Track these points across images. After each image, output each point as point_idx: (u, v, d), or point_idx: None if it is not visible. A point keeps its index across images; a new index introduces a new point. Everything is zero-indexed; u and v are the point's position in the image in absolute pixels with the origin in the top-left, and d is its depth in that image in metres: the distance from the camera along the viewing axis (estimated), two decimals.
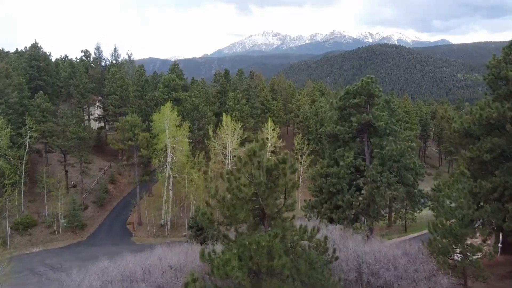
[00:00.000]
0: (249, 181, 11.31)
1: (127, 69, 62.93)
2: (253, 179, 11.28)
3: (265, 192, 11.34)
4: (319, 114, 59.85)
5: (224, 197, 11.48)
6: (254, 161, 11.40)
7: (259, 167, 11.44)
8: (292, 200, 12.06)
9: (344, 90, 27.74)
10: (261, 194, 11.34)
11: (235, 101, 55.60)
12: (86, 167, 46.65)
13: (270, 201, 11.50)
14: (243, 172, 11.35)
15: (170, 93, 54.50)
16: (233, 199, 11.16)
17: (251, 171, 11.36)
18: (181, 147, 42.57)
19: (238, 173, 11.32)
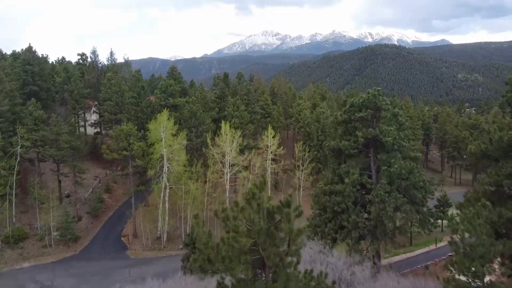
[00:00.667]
0: (247, 228, 9.81)
1: (124, 73, 61.35)
2: (252, 226, 9.77)
3: (266, 241, 9.83)
4: (320, 121, 58.31)
5: (218, 245, 9.99)
6: (253, 204, 9.89)
7: (259, 211, 9.94)
8: (297, 247, 10.56)
9: (349, 102, 26.17)
10: (261, 243, 9.83)
11: (234, 107, 54.06)
12: (79, 177, 45.09)
13: (271, 250, 10.00)
14: (241, 219, 9.80)
15: (167, 99, 52.96)
16: (229, 250, 9.64)
17: (249, 217, 9.85)
18: (177, 157, 41.00)
19: (235, 221, 9.77)
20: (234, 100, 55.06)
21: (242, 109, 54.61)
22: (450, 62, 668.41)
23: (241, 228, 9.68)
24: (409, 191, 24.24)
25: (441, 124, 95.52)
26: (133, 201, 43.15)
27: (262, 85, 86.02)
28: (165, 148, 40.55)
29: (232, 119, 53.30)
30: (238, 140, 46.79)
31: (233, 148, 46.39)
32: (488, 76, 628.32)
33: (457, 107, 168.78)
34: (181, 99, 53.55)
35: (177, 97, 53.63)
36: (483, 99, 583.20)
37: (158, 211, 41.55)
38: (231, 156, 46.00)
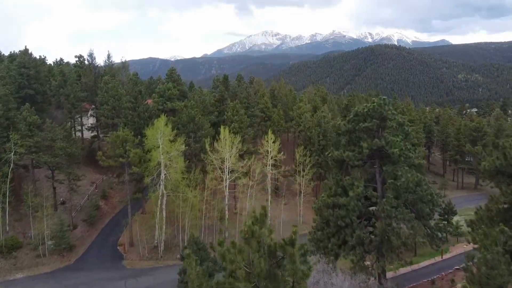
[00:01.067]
0: (246, 271, 8.71)
1: (121, 76, 60.17)
2: (252, 268, 8.68)
3: (267, 286, 8.73)
4: (321, 125, 57.16)
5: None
6: (252, 243, 8.78)
7: (259, 249, 8.84)
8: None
9: (353, 111, 25.05)
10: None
11: (234, 112, 52.91)
12: (75, 185, 43.94)
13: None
14: (239, 261, 8.69)
15: (165, 103, 51.82)
16: None
17: (248, 257, 8.75)
18: (175, 164, 39.86)
19: (232, 265, 8.64)
20: (234, 104, 53.92)
21: (242, 113, 53.48)
22: (450, 63, 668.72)
23: (239, 272, 8.58)
24: (416, 205, 23.12)
25: (443, 127, 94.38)
26: (130, 209, 42.02)
27: (262, 87, 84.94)
28: (162, 155, 39.40)
29: (232, 123, 52.17)
30: (237, 146, 45.65)
31: (232, 154, 45.27)
32: (488, 77, 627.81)
33: (458, 108, 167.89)
34: (179, 103, 52.40)
35: (176, 101, 52.49)
36: (483, 99, 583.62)
37: (155, 219, 40.39)
38: (230, 162, 44.88)
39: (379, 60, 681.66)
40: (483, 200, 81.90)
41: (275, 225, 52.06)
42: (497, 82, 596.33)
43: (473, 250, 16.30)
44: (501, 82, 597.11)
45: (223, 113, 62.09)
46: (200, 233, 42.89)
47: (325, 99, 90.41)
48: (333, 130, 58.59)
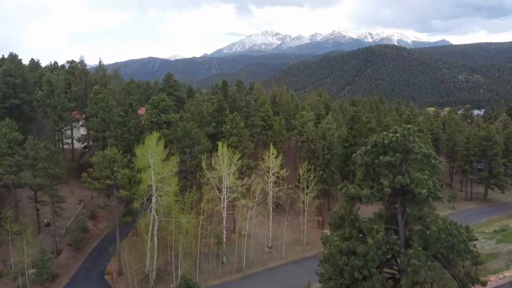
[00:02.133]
0: None
1: (113, 86, 56.51)
2: None
3: None
4: (326, 138, 53.54)
5: None
6: None
7: None
8: None
9: (371, 142, 21.43)
10: None
11: (233, 124, 49.29)
12: (58, 207, 40.30)
13: None
14: None
15: (159, 115, 48.17)
16: None
17: None
18: (168, 186, 36.24)
19: None
20: (233, 116, 50.27)
21: (241, 126, 49.84)
22: (451, 63, 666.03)
23: None
24: (447, 256, 19.53)
25: (451, 135, 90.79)
26: (118, 235, 38.38)
27: (262, 94, 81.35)
28: (153, 176, 35.78)
29: (230, 137, 48.55)
30: (236, 163, 42.04)
31: (231, 172, 41.68)
32: (489, 77, 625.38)
33: (463, 111, 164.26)
34: (175, 115, 48.78)
35: (171, 112, 48.86)
36: (484, 100, 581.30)
37: (146, 247, 36.74)
38: (229, 181, 41.30)
39: (380, 61, 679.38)
40: (494, 213, 77.73)
41: (277, 246, 48.55)
42: (498, 83, 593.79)
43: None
44: (502, 83, 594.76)
45: (222, 123, 58.51)
46: (196, 260, 39.36)
47: (328, 105, 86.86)
48: (338, 142, 55.08)
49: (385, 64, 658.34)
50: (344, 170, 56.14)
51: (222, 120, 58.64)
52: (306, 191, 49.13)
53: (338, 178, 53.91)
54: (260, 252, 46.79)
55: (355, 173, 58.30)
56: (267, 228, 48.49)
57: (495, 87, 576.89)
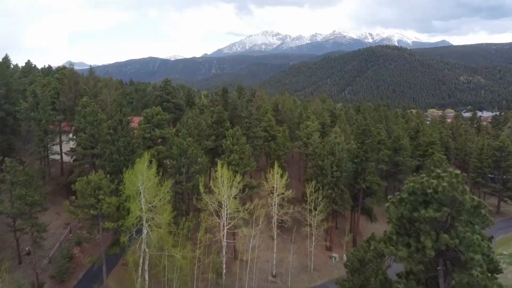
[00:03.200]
0: None
1: (104, 96, 52.20)
2: None
3: None
4: (335, 153, 49.30)
5: None
6: None
7: None
8: None
9: (408, 188, 17.18)
10: None
11: (234, 140, 45.03)
12: (39, 237, 36.04)
13: None
14: None
15: (153, 130, 43.96)
16: None
17: None
18: (160, 216, 32.02)
19: None
20: (234, 131, 45.99)
21: (243, 142, 45.58)
22: (452, 64, 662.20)
23: None
24: None
25: (462, 144, 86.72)
26: (104, 270, 34.16)
27: (265, 101, 77.10)
28: (144, 206, 31.56)
29: (231, 154, 44.31)
30: (238, 187, 37.82)
31: (231, 195, 37.43)
32: (490, 79, 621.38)
33: (470, 117, 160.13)
34: (170, 130, 44.56)
35: (165, 127, 44.62)
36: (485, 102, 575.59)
37: (136, 286, 32.46)
38: (229, 206, 37.05)
39: (380, 61, 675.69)
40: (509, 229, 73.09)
41: (282, 274, 44.35)
42: (499, 84, 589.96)
43: None
44: (504, 84, 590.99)
45: (222, 136, 54.33)
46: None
47: (333, 113, 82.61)
48: (348, 158, 50.88)
49: (386, 65, 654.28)
50: (354, 188, 51.92)
51: (222, 132, 54.46)
52: (313, 213, 44.95)
53: (348, 197, 49.72)
54: (263, 282, 42.63)
55: (365, 191, 54.32)
56: (271, 253, 44.34)
57: (497, 88, 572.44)
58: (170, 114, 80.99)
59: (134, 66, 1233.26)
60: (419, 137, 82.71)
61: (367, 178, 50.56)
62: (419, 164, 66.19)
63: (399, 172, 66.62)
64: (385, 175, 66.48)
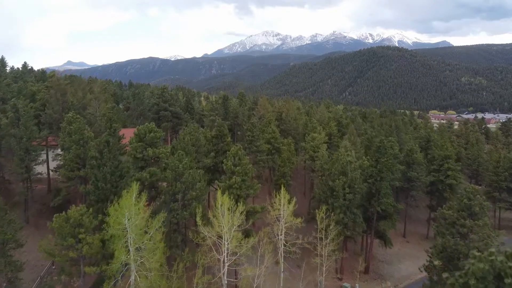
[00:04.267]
0: None
1: (93, 109, 47.58)
2: None
3: None
4: (347, 173, 44.73)
5: None
6: None
7: None
8: None
9: (474, 270, 12.66)
10: None
11: (235, 161, 40.40)
12: (15, 277, 31.43)
13: None
14: None
15: (145, 149, 39.40)
16: None
17: None
18: (150, 260, 27.43)
19: None
20: (236, 149, 41.30)
21: (246, 162, 40.94)
22: (453, 65, 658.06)
23: None
24: None
25: (475, 155, 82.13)
26: None
27: (267, 110, 72.51)
28: (131, 247, 26.98)
29: (232, 176, 39.70)
30: (241, 217, 33.21)
31: (233, 227, 32.83)
32: (492, 80, 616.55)
33: (478, 122, 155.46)
34: (164, 150, 39.95)
35: (160, 145, 40.04)
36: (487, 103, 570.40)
37: None
38: (230, 241, 32.45)
39: (381, 62, 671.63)
40: None
41: None
42: (501, 85, 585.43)
43: None
44: (505, 86, 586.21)
45: (222, 152, 49.83)
46: None
47: (340, 122, 78.04)
48: (361, 178, 46.29)
49: (387, 66, 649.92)
50: (367, 210, 47.34)
51: (223, 148, 49.95)
52: (324, 243, 40.30)
53: (361, 221, 45.13)
54: None
55: (379, 214, 49.78)
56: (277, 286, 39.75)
57: (498, 89, 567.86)
58: (168, 122, 76.65)
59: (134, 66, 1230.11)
60: (431, 148, 78.34)
61: (382, 201, 46.00)
62: (434, 180, 61.65)
63: (412, 188, 62.07)
64: (396, 191, 61.98)
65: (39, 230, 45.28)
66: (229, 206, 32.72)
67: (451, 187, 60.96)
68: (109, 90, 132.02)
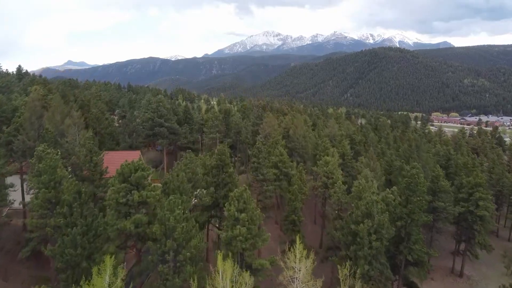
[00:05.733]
0: None
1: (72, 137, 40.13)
2: None
3: None
4: (373, 215, 37.53)
5: None
6: None
7: None
8: None
9: None
10: None
11: (240, 205, 33.11)
12: None
13: None
14: None
15: (130, 192, 32.18)
16: None
17: None
18: None
19: None
20: (240, 191, 33.98)
21: (252, 207, 33.65)
22: (455, 67, 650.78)
23: None
24: None
25: (499, 176, 74.90)
26: None
27: (274, 127, 65.23)
28: None
29: (236, 225, 32.47)
30: None
31: None
32: (494, 81, 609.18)
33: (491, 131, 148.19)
34: (153, 193, 32.70)
35: (148, 189, 32.79)
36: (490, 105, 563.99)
37: None
38: None
39: (383, 63, 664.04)
40: None
41: None
42: (504, 87, 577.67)
43: None
44: (508, 87, 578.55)
45: (223, 185, 42.69)
46: None
47: (353, 139, 70.81)
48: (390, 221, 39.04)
49: (389, 67, 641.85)
50: (395, 258, 40.15)
51: (224, 180, 42.73)
52: None
53: (389, 273, 37.93)
54: None
55: (408, 261, 42.67)
56: None
57: (501, 91, 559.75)
58: (164, 139, 69.55)
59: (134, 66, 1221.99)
60: (451, 166, 71.43)
61: (413, 248, 38.80)
62: (463, 211, 54.45)
63: (438, 218, 54.94)
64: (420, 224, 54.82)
65: (15, 275, 38.26)
66: (232, 276, 25.61)
67: (482, 218, 53.81)
68: (104, 97, 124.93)
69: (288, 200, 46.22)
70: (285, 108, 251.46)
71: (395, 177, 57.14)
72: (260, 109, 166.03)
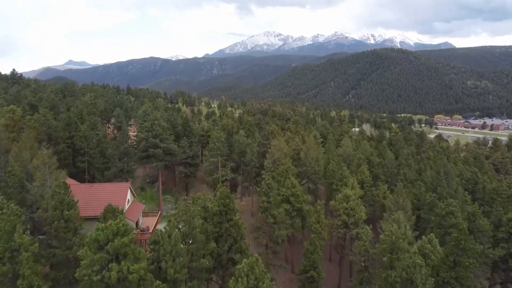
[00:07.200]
0: None
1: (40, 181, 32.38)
2: None
3: None
4: (415, 281, 29.84)
5: None
6: None
7: None
8: None
9: None
10: None
11: (250, 282, 25.48)
12: None
13: None
14: None
15: (108, 265, 24.58)
16: None
17: None
18: None
19: None
20: (251, 262, 26.34)
21: (259, 271, 25.98)
22: (458, 68, 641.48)
23: None
24: None
25: None
26: None
27: (283, 151, 57.46)
28: None
29: None
30: None
31: None
32: (497, 83, 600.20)
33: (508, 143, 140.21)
34: (138, 265, 25.06)
35: (131, 259, 25.19)
36: (493, 107, 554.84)
37: None
38: None
39: (385, 65, 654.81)
40: None
41: None
42: (507, 89, 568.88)
43: None
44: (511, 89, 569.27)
45: (226, 236, 35.12)
46: None
47: (372, 162, 63.12)
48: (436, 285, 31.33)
49: (391, 68, 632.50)
50: None
51: (228, 230, 35.11)
52: None
53: None
54: None
55: None
56: None
57: (505, 93, 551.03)
58: (159, 162, 62.00)
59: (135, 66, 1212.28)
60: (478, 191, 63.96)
61: None
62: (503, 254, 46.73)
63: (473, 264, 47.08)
64: None
65: None
66: None
67: None
68: (99, 105, 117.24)
69: (305, 252, 38.49)
70: (288, 112, 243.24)
71: (425, 213, 49.53)
72: (262, 116, 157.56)
